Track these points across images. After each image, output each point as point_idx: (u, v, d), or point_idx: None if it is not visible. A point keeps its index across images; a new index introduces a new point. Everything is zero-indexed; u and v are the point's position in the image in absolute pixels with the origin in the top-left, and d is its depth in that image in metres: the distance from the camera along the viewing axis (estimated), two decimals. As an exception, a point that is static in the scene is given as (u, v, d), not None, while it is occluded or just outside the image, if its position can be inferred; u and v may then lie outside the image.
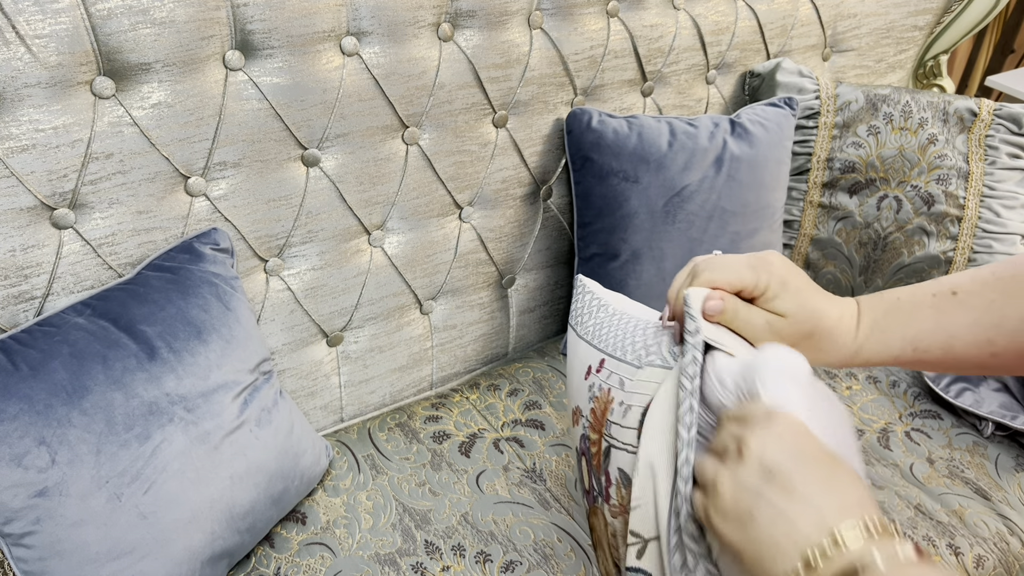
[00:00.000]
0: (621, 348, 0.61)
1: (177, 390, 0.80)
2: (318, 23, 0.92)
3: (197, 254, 0.89)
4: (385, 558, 0.92)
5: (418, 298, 1.17)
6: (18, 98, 0.78)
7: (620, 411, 0.56)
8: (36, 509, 0.73)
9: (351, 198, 1.04)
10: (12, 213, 0.81)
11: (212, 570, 0.84)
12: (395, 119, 1.03)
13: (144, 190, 0.88)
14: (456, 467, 1.05)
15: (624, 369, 0.58)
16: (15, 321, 0.85)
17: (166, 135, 0.87)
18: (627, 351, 0.60)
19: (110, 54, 0.81)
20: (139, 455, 0.77)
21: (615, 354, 0.61)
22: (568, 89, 1.17)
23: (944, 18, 1.54)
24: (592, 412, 0.61)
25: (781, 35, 1.35)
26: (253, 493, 0.86)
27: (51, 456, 0.73)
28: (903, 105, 1.28)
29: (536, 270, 1.28)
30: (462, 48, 1.04)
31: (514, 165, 1.17)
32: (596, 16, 1.14)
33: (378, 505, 0.99)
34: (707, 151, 1.16)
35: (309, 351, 1.09)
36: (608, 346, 0.62)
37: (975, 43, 2.11)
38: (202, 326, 0.84)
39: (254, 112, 0.92)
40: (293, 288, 1.04)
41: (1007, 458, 1.09)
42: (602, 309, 0.69)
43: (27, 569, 0.76)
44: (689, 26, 1.24)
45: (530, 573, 0.91)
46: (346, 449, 1.07)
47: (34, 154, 0.80)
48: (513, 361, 1.27)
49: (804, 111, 1.30)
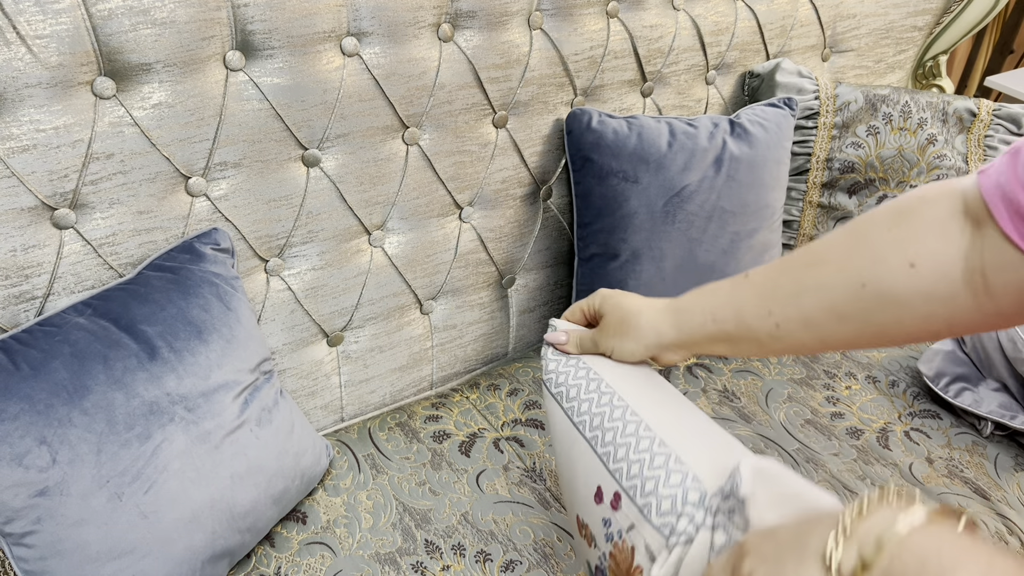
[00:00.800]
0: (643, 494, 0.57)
1: (178, 390, 0.80)
2: (318, 23, 0.92)
3: (198, 254, 0.90)
4: (385, 557, 0.93)
5: (418, 298, 1.17)
6: (19, 98, 0.78)
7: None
8: (37, 508, 0.73)
9: (351, 198, 1.04)
10: (13, 213, 0.81)
11: (212, 569, 0.84)
12: (395, 119, 1.03)
13: (145, 190, 0.89)
14: (456, 467, 1.05)
15: (650, 534, 0.55)
16: (16, 321, 0.85)
17: (167, 135, 0.87)
18: (652, 506, 0.56)
19: (111, 54, 0.81)
20: (140, 455, 0.77)
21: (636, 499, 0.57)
22: (568, 89, 1.17)
23: (943, 18, 1.54)
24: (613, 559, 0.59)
25: (781, 35, 1.35)
26: (253, 492, 0.86)
27: (52, 456, 0.73)
28: (902, 105, 1.28)
29: (536, 270, 1.28)
30: (462, 48, 1.04)
31: (514, 165, 1.17)
32: (596, 16, 1.14)
33: (378, 504, 0.99)
34: (707, 151, 1.17)
35: (309, 351, 1.10)
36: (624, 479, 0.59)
37: (974, 43, 2.11)
38: (203, 326, 0.85)
39: (255, 112, 0.92)
40: (293, 288, 1.05)
41: (1006, 458, 1.09)
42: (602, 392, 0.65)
43: (28, 568, 0.76)
44: (689, 26, 1.24)
45: (530, 572, 0.91)
46: (346, 449, 1.07)
47: (35, 154, 0.80)
48: (513, 361, 1.28)
49: (803, 111, 1.31)
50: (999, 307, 0.48)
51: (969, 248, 0.49)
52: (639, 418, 0.62)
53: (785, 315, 0.57)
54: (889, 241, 0.52)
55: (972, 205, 0.49)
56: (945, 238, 0.50)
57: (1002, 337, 1.12)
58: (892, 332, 0.53)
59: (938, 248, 0.50)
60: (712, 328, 0.62)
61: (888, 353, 1.27)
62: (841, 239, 0.56)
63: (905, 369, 1.24)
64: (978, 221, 0.49)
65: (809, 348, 0.59)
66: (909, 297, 0.51)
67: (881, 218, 0.53)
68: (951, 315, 0.50)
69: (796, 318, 0.57)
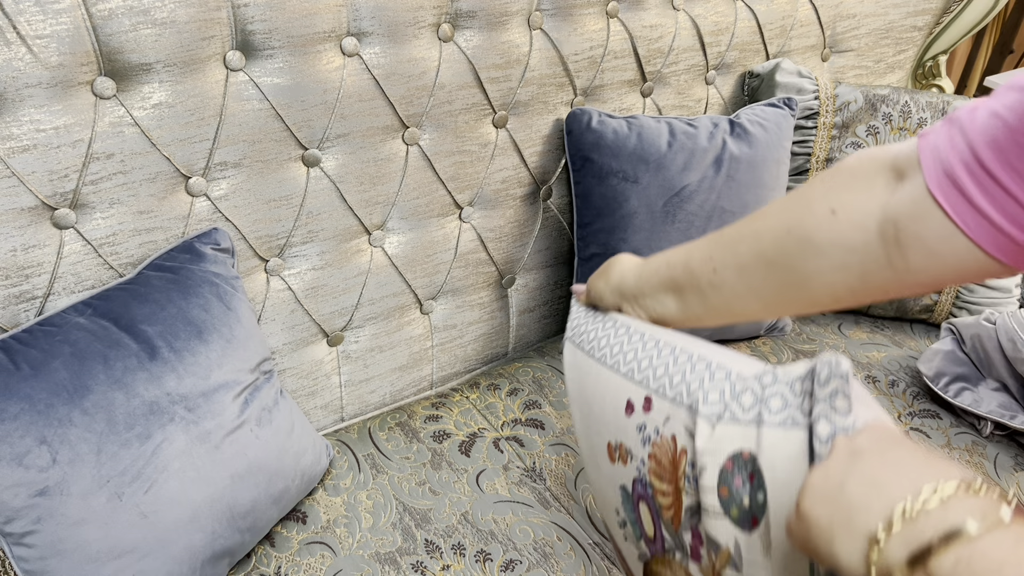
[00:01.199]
0: (672, 386, 0.57)
1: (178, 390, 0.80)
2: (318, 23, 0.92)
3: (198, 254, 0.90)
4: (385, 557, 0.93)
5: (418, 298, 1.17)
6: (19, 98, 0.78)
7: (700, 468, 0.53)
8: (37, 508, 0.74)
9: (351, 198, 1.04)
10: (13, 213, 0.81)
11: (213, 569, 0.85)
12: (395, 119, 1.03)
13: (145, 190, 0.89)
14: (456, 466, 1.05)
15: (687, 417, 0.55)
16: (16, 321, 0.85)
17: (167, 135, 0.87)
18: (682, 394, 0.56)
19: (111, 54, 0.81)
20: (140, 454, 0.77)
21: (667, 394, 0.57)
22: (568, 89, 1.17)
23: (943, 18, 1.54)
24: (654, 459, 0.58)
25: (780, 35, 1.35)
26: (254, 492, 0.86)
27: (52, 455, 0.73)
28: (902, 105, 1.28)
29: (536, 270, 1.28)
30: (462, 48, 1.04)
31: (514, 165, 1.17)
32: (596, 16, 1.14)
33: (378, 504, 0.99)
34: (706, 151, 1.17)
35: (309, 351, 1.10)
36: (652, 382, 0.59)
37: (974, 43, 2.11)
38: (203, 326, 0.85)
39: (255, 112, 0.92)
40: (294, 288, 1.05)
41: (1006, 457, 1.09)
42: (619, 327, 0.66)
43: (28, 568, 0.76)
44: (689, 27, 1.24)
45: (530, 572, 0.91)
46: (346, 448, 1.07)
47: (35, 154, 0.80)
48: (513, 361, 1.28)
49: (803, 111, 1.31)
50: (908, 263, 0.50)
51: (887, 199, 0.51)
52: (660, 337, 0.63)
53: (723, 260, 0.60)
54: (819, 192, 0.55)
55: (902, 162, 0.51)
56: (868, 190, 0.52)
57: (1002, 337, 1.12)
58: (814, 283, 0.55)
59: (860, 198, 0.52)
60: (664, 273, 0.65)
61: (888, 353, 1.27)
62: (786, 196, 0.60)
63: (905, 369, 1.24)
64: (903, 174, 0.50)
65: (743, 304, 0.61)
66: (827, 244, 0.53)
67: (820, 176, 0.57)
68: (864, 267, 0.52)
69: (732, 264, 0.60)
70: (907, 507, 0.37)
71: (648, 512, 0.60)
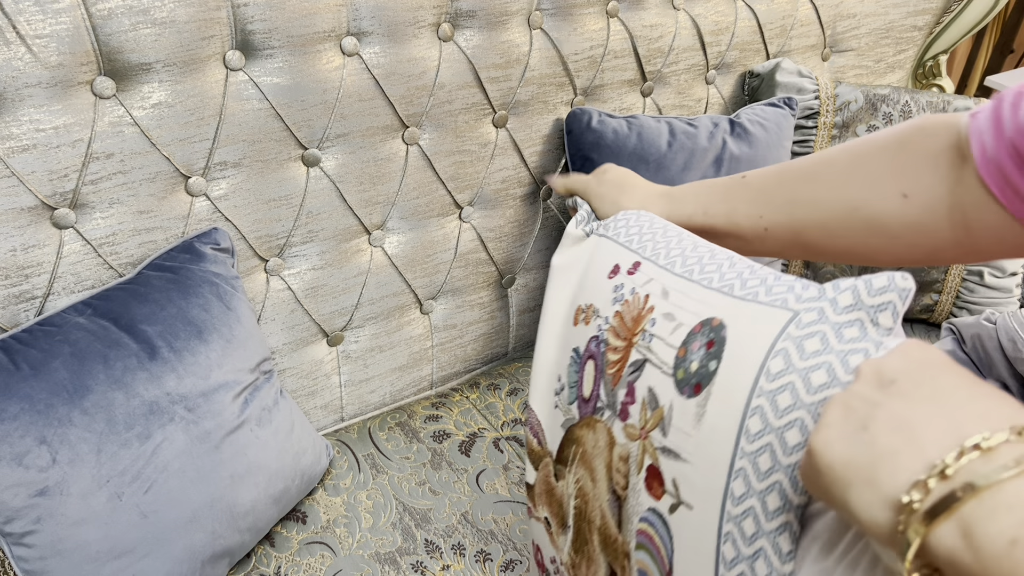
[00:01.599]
0: (667, 256, 0.56)
1: (178, 389, 0.80)
2: (318, 23, 0.92)
3: (198, 254, 0.90)
4: (385, 557, 0.93)
5: (418, 298, 1.17)
6: (19, 98, 0.78)
7: (666, 325, 0.50)
8: (37, 508, 0.73)
9: (351, 198, 1.04)
10: (13, 213, 0.81)
11: (212, 569, 0.85)
12: (395, 119, 1.03)
13: (145, 190, 0.89)
14: (456, 466, 1.05)
15: (674, 281, 0.53)
16: (16, 320, 0.85)
17: (167, 135, 0.87)
18: (676, 262, 0.55)
19: (111, 54, 0.81)
20: (140, 454, 0.77)
21: (658, 261, 0.56)
22: (568, 89, 1.17)
23: (943, 18, 1.54)
24: (618, 316, 0.56)
25: (781, 35, 1.35)
26: (253, 492, 0.86)
27: (52, 455, 0.73)
28: (902, 105, 1.28)
29: (536, 270, 1.28)
30: (462, 48, 1.04)
31: (514, 165, 1.17)
32: (596, 16, 1.14)
33: (378, 504, 0.99)
34: (707, 151, 1.17)
35: (309, 351, 1.10)
36: (647, 251, 0.58)
37: (974, 43, 2.11)
38: (203, 326, 0.85)
39: (254, 112, 0.92)
40: (293, 288, 1.05)
41: (1006, 457, 1.09)
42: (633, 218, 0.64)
43: (28, 568, 0.76)
44: (689, 26, 1.24)
45: (530, 572, 0.91)
46: (346, 448, 1.07)
47: (35, 154, 0.80)
48: (513, 360, 1.28)
49: (803, 111, 1.31)
50: (976, 244, 0.50)
51: (955, 183, 0.50)
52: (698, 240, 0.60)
53: (775, 221, 0.60)
54: (886, 169, 0.53)
55: (963, 143, 0.50)
56: (937, 172, 0.51)
57: (1002, 337, 1.12)
58: (879, 256, 0.55)
59: (931, 181, 0.51)
60: (701, 220, 0.64)
61: (888, 353, 1.27)
62: (840, 158, 0.57)
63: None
64: (964, 158, 0.50)
65: (791, 254, 0.61)
66: (897, 226, 0.53)
67: (881, 143, 0.55)
68: (934, 246, 0.52)
69: (786, 225, 0.59)
70: (946, 463, 0.31)
71: (593, 369, 0.59)
